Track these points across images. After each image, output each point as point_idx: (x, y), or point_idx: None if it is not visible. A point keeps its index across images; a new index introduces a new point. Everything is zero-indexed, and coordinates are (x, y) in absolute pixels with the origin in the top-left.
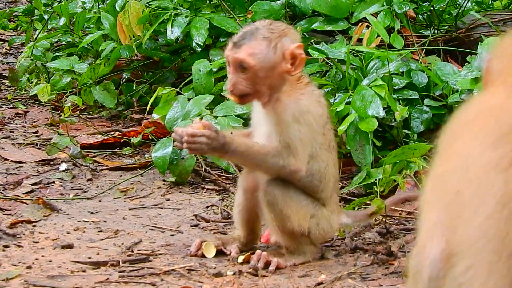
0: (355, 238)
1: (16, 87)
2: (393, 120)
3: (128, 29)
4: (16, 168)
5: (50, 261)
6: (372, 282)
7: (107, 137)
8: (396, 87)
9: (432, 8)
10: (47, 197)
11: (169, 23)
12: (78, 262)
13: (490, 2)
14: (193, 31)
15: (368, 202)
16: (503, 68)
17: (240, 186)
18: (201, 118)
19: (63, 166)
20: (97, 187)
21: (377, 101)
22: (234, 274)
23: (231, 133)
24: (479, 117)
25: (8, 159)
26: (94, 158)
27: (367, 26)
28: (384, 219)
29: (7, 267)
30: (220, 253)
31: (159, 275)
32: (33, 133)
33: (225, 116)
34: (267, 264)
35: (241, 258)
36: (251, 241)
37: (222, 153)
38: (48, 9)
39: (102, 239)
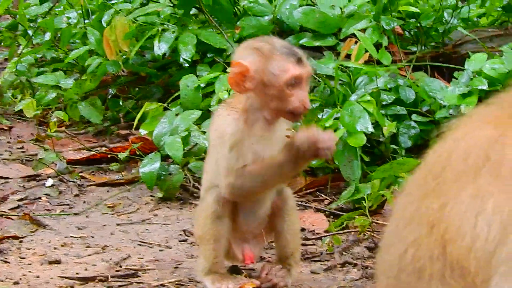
0: (344, 253)
1: (0, 102)
2: (381, 136)
3: (115, 45)
4: (2, 183)
5: (38, 276)
6: None
7: (94, 152)
8: (384, 103)
9: (419, 25)
10: (33, 213)
11: (156, 38)
12: (66, 277)
13: (476, 19)
14: (181, 47)
15: (356, 216)
16: None
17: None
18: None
19: (50, 182)
20: (84, 202)
21: (365, 117)
22: None
23: None
24: None
25: None
26: (80, 174)
27: (355, 42)
28: (372, 234)
29: None
30: None
31: None
32: (19, 148)
33: None
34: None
35: None
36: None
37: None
38: (32, 25)
39: (90, 255)
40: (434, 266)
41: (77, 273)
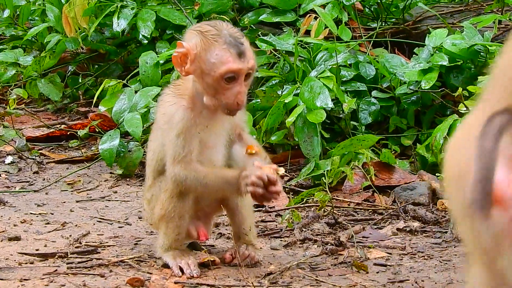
0: (304, 229)
1: None
2: (341, 112)
3: (74, 21)
4: None
5: None
6: (322, 272)
7: (53, 130)
8: (344, 79)
9: (379, 1)
10: None
11: (115, 15)
12: (25, 254)
13: None
14: (140, 23)
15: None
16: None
17: None
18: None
19: (9, 159)
20: (44, 179)
21: (325, 93)
22: None
23: None
24: None
25: None
26: (40, 151)
27: (315, 18)
28: (332, 210)
29: None
30: None
31: (107, 266)
32: None
33: None
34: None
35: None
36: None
37: None
38: None
39: (49, 231)
40: None
41: (36, 250)
